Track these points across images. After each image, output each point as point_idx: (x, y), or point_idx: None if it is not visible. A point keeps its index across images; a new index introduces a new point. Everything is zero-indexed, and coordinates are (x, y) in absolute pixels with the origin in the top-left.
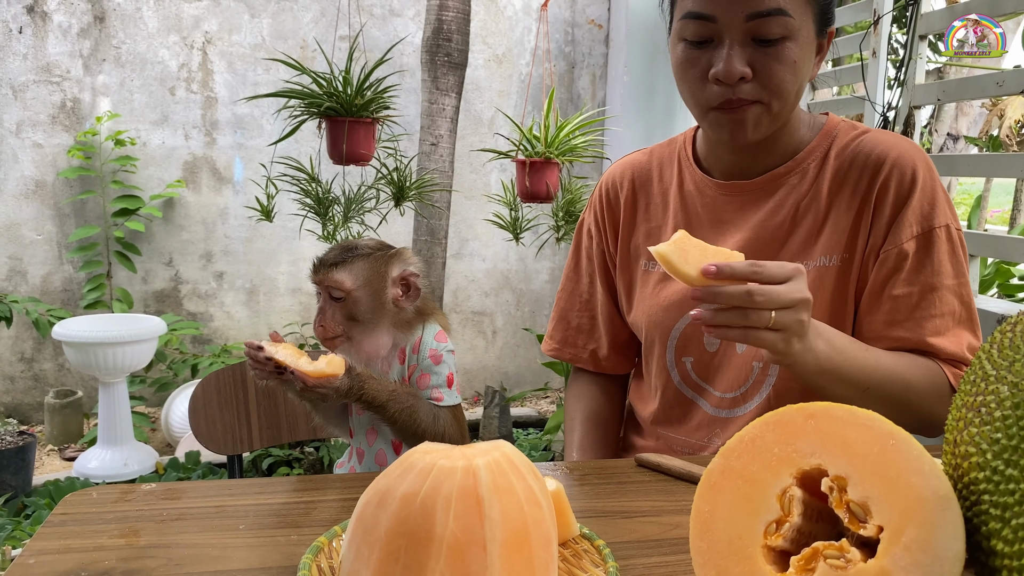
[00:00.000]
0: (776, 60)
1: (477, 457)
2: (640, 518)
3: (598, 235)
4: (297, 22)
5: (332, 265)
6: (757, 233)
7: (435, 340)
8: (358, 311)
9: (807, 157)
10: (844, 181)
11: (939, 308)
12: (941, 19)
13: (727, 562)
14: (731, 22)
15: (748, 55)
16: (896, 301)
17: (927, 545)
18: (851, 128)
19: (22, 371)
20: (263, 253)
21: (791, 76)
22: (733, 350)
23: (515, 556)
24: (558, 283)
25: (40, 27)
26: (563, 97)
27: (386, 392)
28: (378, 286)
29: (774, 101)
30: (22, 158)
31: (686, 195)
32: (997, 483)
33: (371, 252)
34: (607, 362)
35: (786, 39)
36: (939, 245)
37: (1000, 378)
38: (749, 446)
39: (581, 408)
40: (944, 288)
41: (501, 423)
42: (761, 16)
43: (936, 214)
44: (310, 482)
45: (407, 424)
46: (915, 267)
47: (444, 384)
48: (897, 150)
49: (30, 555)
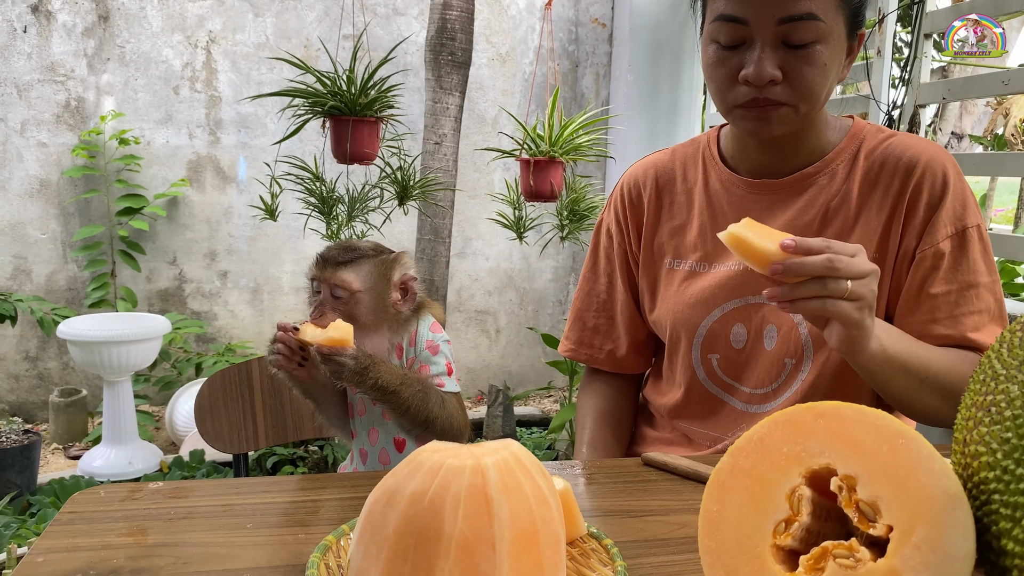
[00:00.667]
0: (806, 63)
1: (486, 456)
2: (648, 517)
3: (619, 235)
4: (301, 21)
5: (339, 264)
6: (786, 231)
7: (430, 331)
8: (359, 312)
9: (836, 157)
10: (875, 183)
11: (976, 305)
12: (946, 18)
13: (736, 561)
14: (763, 25)
15: (779, 58)
16: (935, 300)
17: (937, 545)
18: (878, 131)
19: (27, 370)
20: (267, 252)
21: (821, 79)
22: (761, 347)
23: (524, 555)
24: (562, 282)
25: (44, 26)
26: (567, 96)
27: (399, 376)
28: (382, 290)
29: (802, 103)
30: (27, 157)
31: (712, 193)
32: (1007, 482)
33: (376, 255)
34: (625, 361)
35: (816, 43)
36: (972, 244)
37: (1010, 377)
38: (758, 445)
39: (593, 405)
40: (980, 285)
41: (504, 422)
42: (793, 20)
43: (968, 214)
44: (317, 481)
45: (419, 409)
46: (952, 266)
47: (444, 373)
48: (928, 153)
49: (38, 553)
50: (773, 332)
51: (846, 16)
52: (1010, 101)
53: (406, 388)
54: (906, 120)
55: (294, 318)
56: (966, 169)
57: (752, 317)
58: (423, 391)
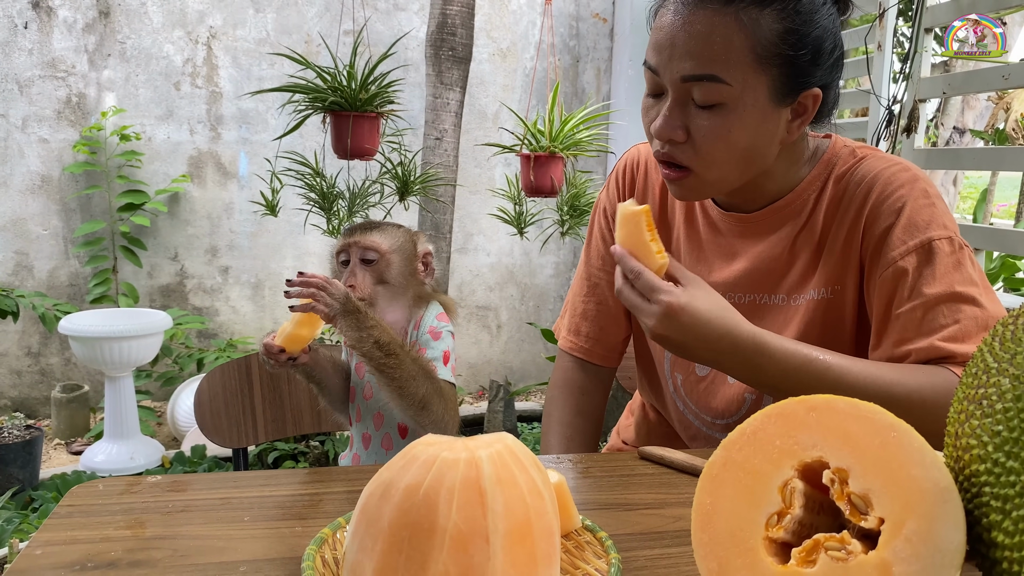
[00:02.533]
0: (709, 128)
1: (480, 449)
2: (643, 510)
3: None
4: (302, 16)
5: (368, 229)
6: (756, 264)
7: (436, 319)
8: (390, 274)
9: (807, 188)
10: (837, 209)
11: (950, 317)
12: (946, 12)
13: (729, 554)
14: (670, 80)
15: (687, 116)
16: (900, 319)
17: (928, 537)
18: (850, 155)
19: (29, 365)
20: (268, 248)
21: (723, 146)
22: (723, 378)
23: (518, 547)
24: (563, 278)
25: (45, 22)
26: (567, 91)
27: (398, 341)
28: (410, 253)
29: (706, 171)
30: (28, 153)
31: (694, 217)
32: (998, 475)
33: (396, 226)
34: (615, 352)
35: (722, 106)
36: (940, 256)
37: (1002, 370)
38: (751, 438)
39: (567, 410)
40: (953, 297)
41: (505, 417)
42: (694, 79)
43: (932, 226)
44: (315, 474)
45: (415, 379)
46: (916, 282)
47: (440, 359)
48: (887, 173)
49: (37, 546)
50: None
51: (772, 77)
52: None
53: (404, 352)
54: (905, 115)
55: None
56: (966, 164)
57: None
58: (418, 361)
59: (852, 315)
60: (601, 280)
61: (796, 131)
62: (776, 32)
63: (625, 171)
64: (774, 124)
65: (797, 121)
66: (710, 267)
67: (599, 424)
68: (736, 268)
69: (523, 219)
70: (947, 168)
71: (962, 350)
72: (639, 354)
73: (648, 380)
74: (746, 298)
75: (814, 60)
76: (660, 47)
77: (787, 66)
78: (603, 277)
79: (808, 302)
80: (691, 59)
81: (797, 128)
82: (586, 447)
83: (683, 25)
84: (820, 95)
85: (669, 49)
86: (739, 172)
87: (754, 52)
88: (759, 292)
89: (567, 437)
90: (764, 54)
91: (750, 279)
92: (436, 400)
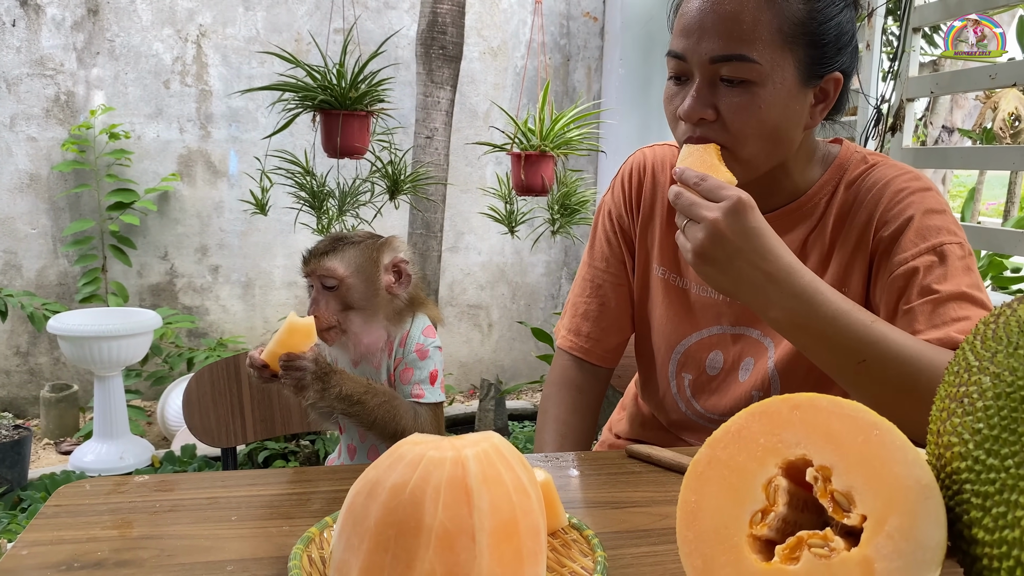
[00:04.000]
0: (740, 104)
1: (466, 448)
2: (630, 508)
3: (622, 215)
4: (291, 15)
5: (323, 254)
6: None
7: (422, 335)
8: (352, 298)
9: (818, 192)
10: (847, 215)
11: (958, 312)
12: (934, 12)
13: (713, 551)
14: (698, 62)
15: (716, 95)
16: (911, 313)
17: (909, 534)
18: (861, 161)
19: (17, 365)
20: (258, 247)
21: (754, 121)
22: (735, 378)
23: (504, 545)
24: (553, 276)
25: (33, 20)
26: (558, 90)
27: (362, 384)
28: (371, 272)
29: (738, 147)
30: (16, 152)
31: None
32: (979, 472)
33: (361, 240)
34: (614, 353)
35: (752, 83)
36: (952, 259)
37: (983, 369)
38: (735, 436)
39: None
40: (964, 297)
41: (497, 416)
42: (724, 60)
43: (944, 232)
44: (302, 474)
45: (387, 420)
46: (927, 279)
47: (427, 380)
48: (899, 181)
49: (23, 546)
50: (750, 365)
51: (798, 57)
52: (998, 95)
53: (371, 397)
54: (893, 114)
55: (285, 313)
56: (954, 163)
57: (731, 346)
58: (389, 402)
59: None
60: (604, 282)
61: (819, 116)
62: (803, 12)
63: (632, 174)
64: (800, 105)
65: (820, 106)
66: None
67: (594, 422)
68: None
69: (514, 218)
70: (935, 167)
71: None
72: (640, 355)
73: (646, 381)
74: None
75: (836, 42)
76: (688, 31)
77: (812, 47)
78: (607, 279)
79: None
80: (720, 39)
81: (820, 113)
82: (580, 445)
83: (711, 8)
84: (841, 80)
85: (698, 32)
86: (767, 153)
87: (781, 31)
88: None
89: (562, 435)
90: (791, 33)
91: None
92: (412, 429)
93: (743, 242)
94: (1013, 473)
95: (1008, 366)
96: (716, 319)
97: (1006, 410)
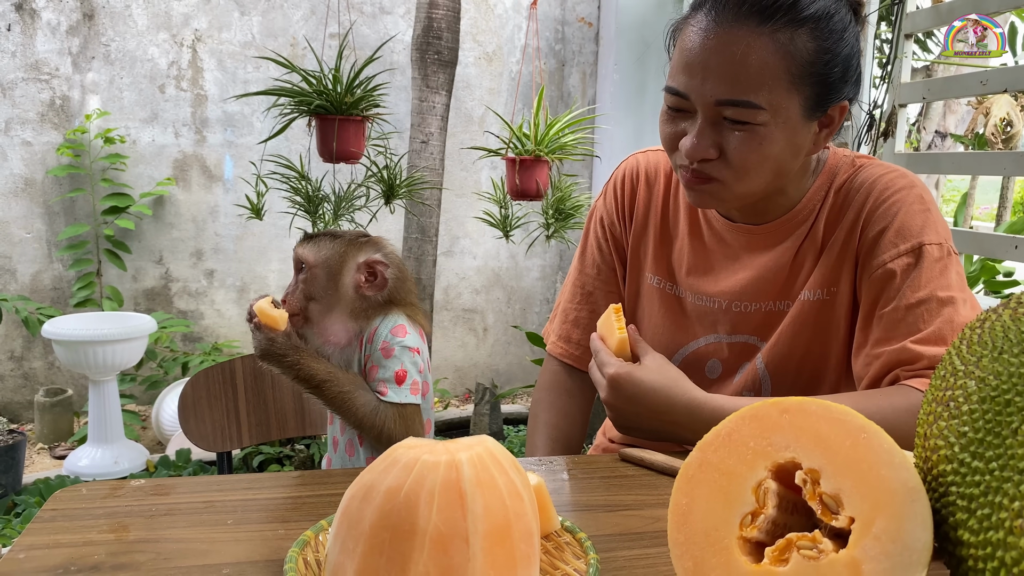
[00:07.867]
0: (743, 143)
1: (460, 452)
2: (623, 511)
3: (614, 222)
4: (287, 20)
5: (306, 240)
6: (761, 274)
7: (390, 333)
8: (314, 289)
9: (811, 199)
10: (837, 218)
11: (929, 320)
12: (926, 18)
13: (704, 553)
14: (702, 103)
15: (719, 134)
16: (883, 320)
17: (896, 536)
18: (850, 165)
19: (12, 369)
20: (253, 251)
21: (756, 159)
22: (728, 381)
23: (497, 549)
24: (548, 281)
25: (29, 24)
26: (553, 95)
27: (324, 372)
28: (336, 267)
29: (737, 183)
30: (11, 156)
31: (699, 230)
32: (964, 475)
33: (344, 235)
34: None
35: (757, 124)
36: (928, 262)
37: (968, 373)
38: (726, 440)
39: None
40: (936, 300)
41: (492, 420)
42: (729, 104)
43: (925, 232)
44: (298, 478)
45: (343, 409)
46: (902, 285)
47: (391, 379)
48: (885, 179)
49: (20, 550)
50: (745, 368)
51: (804, 95)
52: (990, 100)
53: (331, 386)
54: (885, 119)
55: None
56: (946, 168)
57: (728, 353)
58: (347, 393)
59: (846, 317)
60: (595, 288)
61: (823, 142)
62: (810, 51)
63: (624, 180)
64: (804, 138)
65: (824, 132)
66: (716, 278)
67: (584, 427)
68: (741, 278)
69: (509, 222)
70: (927, 172)
71: (931, 352)
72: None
73: None
74: (752, 307)
75: (843, 76)
76: (691, 70)
77: (820, 84)
78: (597, 286)
79: (798, 304)
80: (726, 83)
81: (824, 139)
82: (571, 449)
83: (717, 48)
84: (847, 107)
85: (702, 72)
86: (765, 183)
87: (789, 72)
88: (764, 300)
89: (553, 439)
90: (799, 73)
91: (756, 288)
92: (373, 425)
93: (626, 405)
94: (997, 475)
95: (993, 370)
96: (712, 327)
97: (991, 414)
